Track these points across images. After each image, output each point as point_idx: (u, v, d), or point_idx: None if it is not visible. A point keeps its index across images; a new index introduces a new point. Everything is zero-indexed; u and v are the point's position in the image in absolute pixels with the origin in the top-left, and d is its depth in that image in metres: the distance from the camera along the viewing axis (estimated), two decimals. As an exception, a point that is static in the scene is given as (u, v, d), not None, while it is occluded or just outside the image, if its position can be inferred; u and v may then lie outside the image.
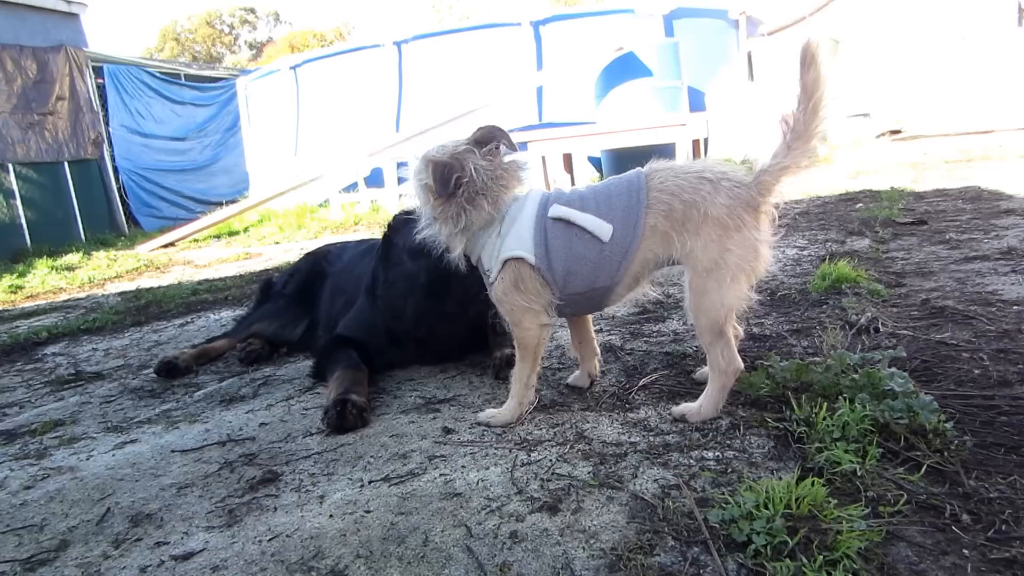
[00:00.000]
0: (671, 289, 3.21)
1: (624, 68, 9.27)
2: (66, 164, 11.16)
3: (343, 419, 1.90)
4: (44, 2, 11.15)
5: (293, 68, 11.92)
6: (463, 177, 1.74)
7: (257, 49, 42.74)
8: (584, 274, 1.73)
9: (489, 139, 1.83)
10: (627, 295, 1.84)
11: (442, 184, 1.74)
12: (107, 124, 12.88)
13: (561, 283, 1.75)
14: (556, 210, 1.74)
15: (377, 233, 7.48)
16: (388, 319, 2.37)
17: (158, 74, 14.71)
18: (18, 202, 10.44)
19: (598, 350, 2.08)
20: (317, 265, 3.09)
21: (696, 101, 9.81)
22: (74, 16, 11.64)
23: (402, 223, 2.37)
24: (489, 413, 1.88)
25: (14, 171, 10.40)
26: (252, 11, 44.28)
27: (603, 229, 1.69)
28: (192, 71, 16.69)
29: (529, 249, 1.72)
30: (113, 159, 12.79)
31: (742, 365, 1.72)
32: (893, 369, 1.69)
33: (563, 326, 2.64)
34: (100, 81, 12.99)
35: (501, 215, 1.78)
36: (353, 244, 3.13)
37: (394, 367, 2.48)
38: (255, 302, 3.29)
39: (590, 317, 2.06)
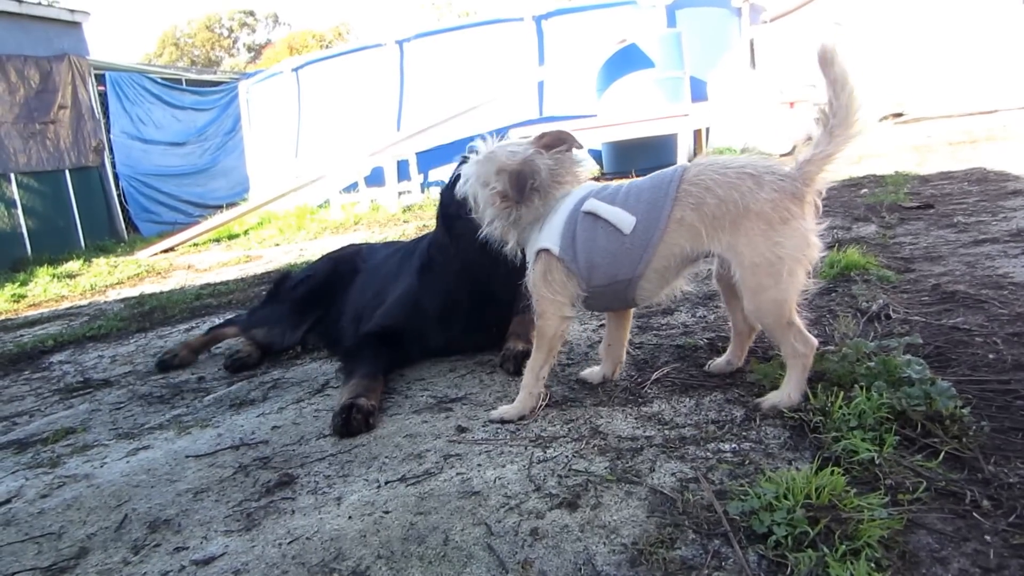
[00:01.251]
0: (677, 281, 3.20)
1: (626, 60, 9.24)
2: (67, 172, 11.19)
3: (348, 425, 1.92)
4: (47, 12, 11.20)
5: (295, 70, 11.91)
6: (535, 182, 1.81)
7: (256, 52, 42.71)
8: (605, 266, 1.75)
9: (558, 142, 1.88)
10: (659, 291, 1.82)
11: (518, 191, 1.80)
12: (108, 131, 12.90)
13: (585, 275, 1.78)
14: (588, 204, 1.78)
15: (377, 232, 7.48)
16: (464, 279, 2.39)
17: (159, 80, 14.73)
18: (19, 211, 10.48)
19: (624, 358, 2.07)
20: (350, 262, 3.10)
21: (698, 91, 9.77)
22: (77, 25, 11.66)
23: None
24: (502, 410, 1.88)
25: (16, 181, 10.44)
26: (251, 14, 44.23)
27: (625, 221, 1.72)
28: (192, 76, 16.69)
29: (556, 241, 1.78)
30: (114, 166, 12.81)
31: (816, 342, 1.68)
32: (909, 356, 1.68)
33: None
34: (102, 88, 13.00)
35: (548, 210, 1.84)
36: (382, 245, 3.18)
37: (427, 354, 2.52)
38: (266, 296, 3.28)
39: (629, 323, 2.05)
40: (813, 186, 1.63)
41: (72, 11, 11.64)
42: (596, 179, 9.02)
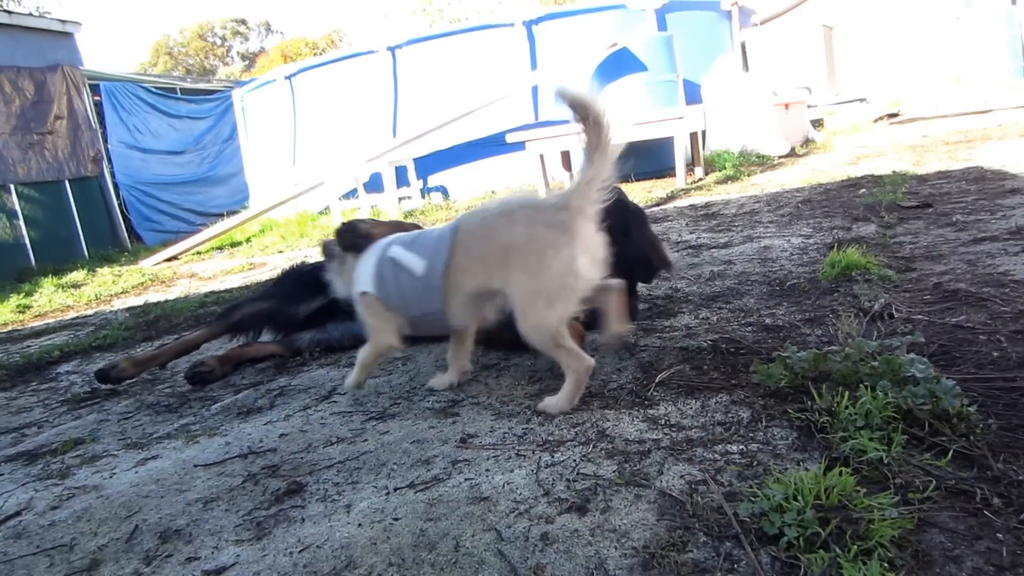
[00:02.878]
0: (679, 283, 3.21)
1: (619, 64, 9.27)
2: (67, 182, 11.24)
3: None
4: (39, 23, 11.27)
5: (288, 78, 11.90)
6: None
7: (250, 60, 42.77)
8: (413, 301, 2.01)
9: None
10: (476, 318, 2.06)
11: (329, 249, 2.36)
12: (105, 141, 12.93)
13: (401, 307, 2.05)
14: (390, 251, 2.08)
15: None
16: None
17: (154, 89, 14.76)
18: (21, 222, 10.53)
19: (469, 367, 2.29)
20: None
21: (692, 93, 9.80)
22: (68, 35, 11.71)
23: None
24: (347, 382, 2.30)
25: (16, 191, 10.49)
26: (243, 22, 44.33)
27: (417, 265, 1.99)
28: (187, 85, 16.73)
29: (370, 284, 2.09)
30: (113, 175, 12.84)
31: (592, 361, 1.86)
32: (912, 355, 1.69)
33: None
34: (97, 98, 13.03)
35: (359, 261, 2.19)
36: None
37: None
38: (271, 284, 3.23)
39: (471, 336, 2.25)
40: (583, 212, 1.75)
41: (63, 21, 11.69)
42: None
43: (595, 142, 1.72)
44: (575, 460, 1.59)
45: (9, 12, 10.84)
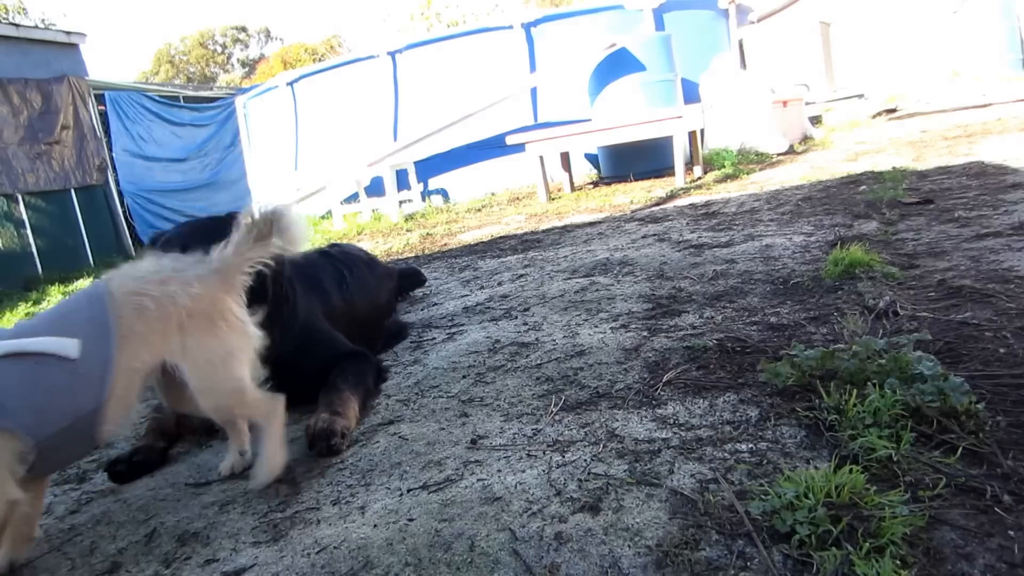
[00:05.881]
0: (682, 283, 3.22)
1: (617, 64, 9.28)
2: (73, 191, 11.41)
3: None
4: (44, 35, 11.43)
5: (290, 84, 11.95)
6: None
7: (250, 66, 42.94)
8: (61, 404, 1.45)
9: None
10: (127, 417, 1.61)
11: None
12: (110, 149, 13.04)
13: (30, 424, 1.41)
14: (3, 347, 1.44)
15: (381, 242, 7.51)
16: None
17: (157, 98, 14.87)
18: (28, 231, 10.71)
19: (34, 534, 1.64)
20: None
21: (690, 92, 9.81)
22: (73, 46, 11.88)
23: None
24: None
25: (23, 201, 10.63)
26: (243, 29, 44.54)
27: (68, 345, 1.46)
28: (189, 92, 16.85)
29: None
30: (117, 183, 12.95)
31: (281, 396, 1.80)
32: (919, 352, 1.71)
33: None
34: (102, 108, 13.13)
35: None
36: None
37: None
38: None
39: (42, 492, 1.68)
40: (238, 280, 1.72)
41: (68, 33, 11.84)
42: (594, 184, 8.90)
43: (265, 233, 1.74)
44: (586, 460, 1.61)
45: (16, 25, 10.98)
